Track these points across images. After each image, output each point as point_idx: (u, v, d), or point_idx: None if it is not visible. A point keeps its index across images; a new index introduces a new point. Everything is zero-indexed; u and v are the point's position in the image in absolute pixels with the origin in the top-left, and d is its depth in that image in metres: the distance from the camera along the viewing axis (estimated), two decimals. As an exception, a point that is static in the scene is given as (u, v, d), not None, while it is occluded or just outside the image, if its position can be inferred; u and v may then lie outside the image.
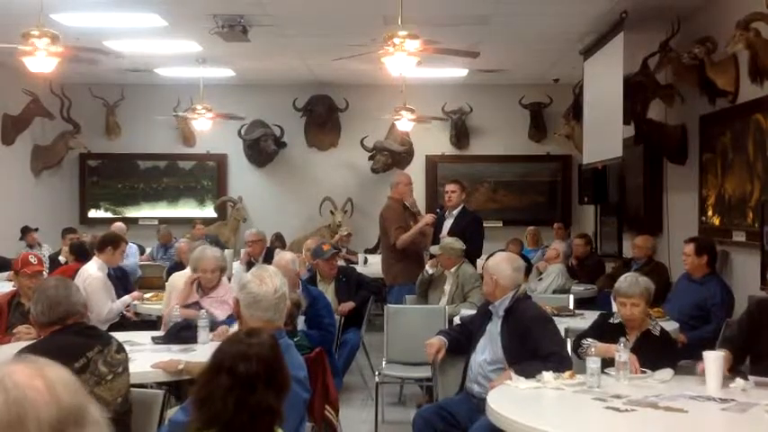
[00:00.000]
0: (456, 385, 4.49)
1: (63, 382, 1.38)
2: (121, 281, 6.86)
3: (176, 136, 12.74)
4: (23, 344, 4.54)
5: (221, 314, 5.19)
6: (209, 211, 12.70)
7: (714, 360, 3.74)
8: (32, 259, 5.42)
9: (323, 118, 12.49)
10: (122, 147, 12.65)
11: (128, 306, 6.48)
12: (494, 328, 4.36)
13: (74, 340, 3.33)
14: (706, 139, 7.47)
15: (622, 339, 4.01)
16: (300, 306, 4.93)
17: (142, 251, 10.53)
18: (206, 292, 5.36)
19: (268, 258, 8.11)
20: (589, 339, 4.24)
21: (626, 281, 4.34)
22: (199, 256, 5.39)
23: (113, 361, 3.37)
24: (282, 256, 6.12)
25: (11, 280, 6.36)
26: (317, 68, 11.03)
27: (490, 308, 4.42)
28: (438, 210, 7.77)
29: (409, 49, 6.37)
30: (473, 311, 5.29)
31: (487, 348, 4.33)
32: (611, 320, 4.42)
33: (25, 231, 10.16)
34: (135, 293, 6.67)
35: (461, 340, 4.50)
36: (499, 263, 4.40)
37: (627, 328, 4.29)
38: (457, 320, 5.59)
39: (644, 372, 3.96)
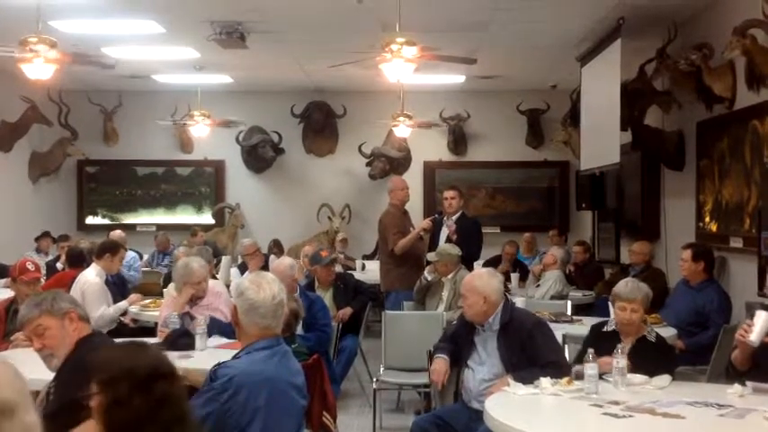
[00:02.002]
0: (452, 393, 4.48)
1: (7, 378, 1.59)
2: (119, 288, 6.85)
3: (174, 142, 12.74)
4: (22, 351, 4.53)
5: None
6: (206, 218, 12.69)
7: (766, 319, 3.75)
8: (30, 266, 5.42)
9: (321, 124, 12.51)
10: (120, 153, 12.66)
11: (124, 313, 6.45)
12: (487, 343, 4.30)
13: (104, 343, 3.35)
14: (703, 145, 7.48)
15: (619, 345, 4.01)
16: (299, 317, 4.88)
17: (140, 257, 10.52)
18: (194, 302, 5.30)
19: (264, 265, 8.10)
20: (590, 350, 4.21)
21: (627, 286, 4.33)
22: (186, 272, 5.25)
23: None
24: (281, 261, 6.10)
25: (8, 287, 6.34)
26: (314, 75, 11.05)
27: (477, 325, 4.34)
28: (436, 215, 7.77)
29: (407, 56, 6.38)
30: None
31: (485, 365, 4.28)
32: (604, 329, 4.41)
33: (43, 235, 10.20)
34: (133, 296, 6.62)
35: (456, 352, 4.45)
36: (487, 280, 4.31)
37: (622, 334, 4.29)
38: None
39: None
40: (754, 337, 3.72)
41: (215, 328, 5.04)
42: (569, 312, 6.57)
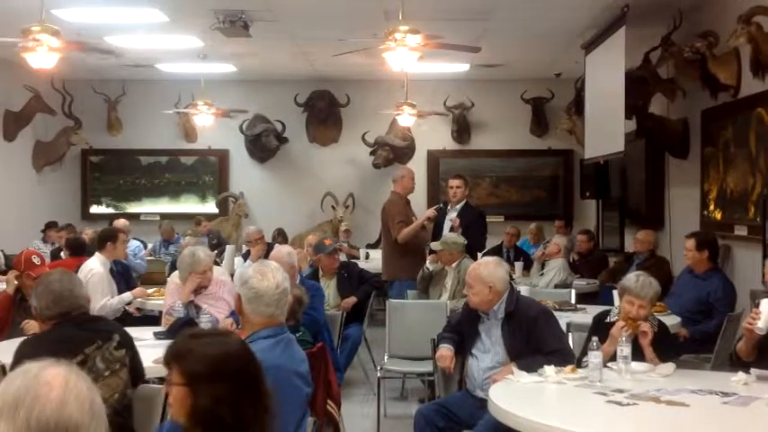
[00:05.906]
0: (456, 382, 4.49)
1: (81, 397, 1.46)
2: (124, 276, 6.84)
3: (178, 131, 12.74)
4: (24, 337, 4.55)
5: (221, 313, 5.18)
6: (210, 207, 12.71)
7: None
8: (35, 260, 5.40)
9: (324, 113, 12.49)
10: (124, 142, 12.67)
11: (129, 303, 6.45)
12: (492, 331, 4.31)
13: (74, 334, 3.32)
14: (708, 133, 7.47)
15: (624, 334, 4.01)
16: (303, 302, 4.89)
17: (144, 246, 10.53)
18: (199, 291, 5.30)
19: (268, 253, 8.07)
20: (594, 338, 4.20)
21: (639, 281, 4.22)
22: (193, 261, 5.25)
23: (112, 357, 3.36)
24: (280, 249, 6.11)
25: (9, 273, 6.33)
26: (318, 64, 11.02)
27: (482, 314, 4.34)
28: (441, 204, 7.77)
29: (411, 44, 6.36)
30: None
31: (490, 354, 4.29)
32: (607, 320, 4.39)
33: (50, 226, 10.18)
34: (137, 290, 6.60)
35: (460, 342, 4.46)
36: (493, 269, 4.31)
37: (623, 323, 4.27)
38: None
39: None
40: (762, 324, 3.73)
41: None
42: (573, 301, 6.57)
